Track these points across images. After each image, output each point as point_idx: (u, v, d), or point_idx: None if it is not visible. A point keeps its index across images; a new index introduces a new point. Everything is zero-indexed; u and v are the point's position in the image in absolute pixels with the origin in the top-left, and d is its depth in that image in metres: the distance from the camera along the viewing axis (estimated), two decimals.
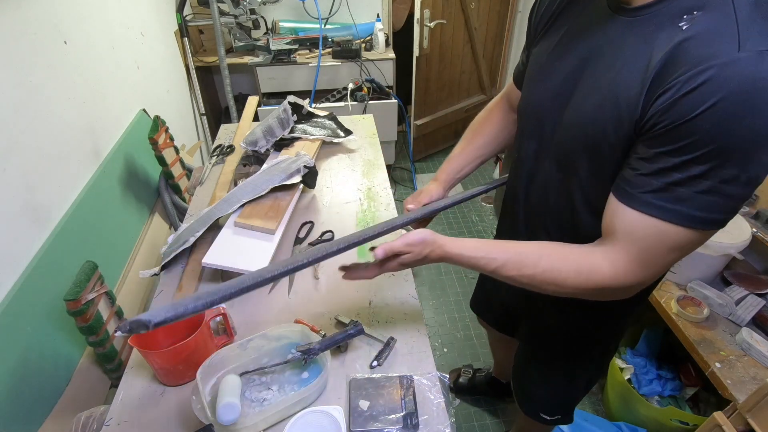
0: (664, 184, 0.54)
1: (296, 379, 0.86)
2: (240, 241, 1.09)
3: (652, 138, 0.55)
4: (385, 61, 2.60)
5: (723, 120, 0.49)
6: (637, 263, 0.60)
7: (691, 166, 0.52)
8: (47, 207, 1.23)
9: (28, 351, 1.05)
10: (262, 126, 1.49)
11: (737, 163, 0.50)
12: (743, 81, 0.47)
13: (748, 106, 0.47)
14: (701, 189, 0.52)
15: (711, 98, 0.48)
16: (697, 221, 0.54)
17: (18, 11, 1.20)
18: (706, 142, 0.50)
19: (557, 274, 0.64)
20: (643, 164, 0.56)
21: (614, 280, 0.61)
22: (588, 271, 0.63)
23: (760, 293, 1.23)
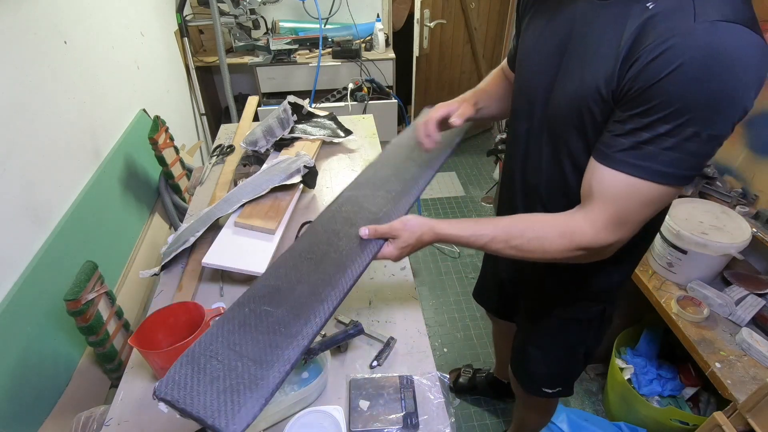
0: (634, 143, 0.60)
1: (296, 379, 0.86)
2: (240, 241, 1.09)
3: (626, 102, 0.61)
4: (385, 61, 2.60)
5: (683, 82, 0.55)
6: (615, 221, 0.65)
7: (657, 125, 0.58)
8: (47, 207, 1.23)
9: (28, 351, 1.05)
10: (262, 126, 1.50)
11: (697, 122, 0.56)
12: (700, 48, 0.53)
13: (705, 71, 0.53)
14: (667, 146, 0.58)
15: (673, 64, 0.55)
16: (663, 176, 0.60)
17: (18, 11, 1.20)
18: (670, 103, 0.56)
19: (543, 240, 0.69)
20: (618, 126, 0.62)
21: (595, 239, 0.66)
22: (571, 233, 0.68)
23: (760, 293, 1.23)
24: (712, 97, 0.54)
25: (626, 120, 0.61)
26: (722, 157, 1.48)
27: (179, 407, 0.56)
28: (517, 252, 0.71)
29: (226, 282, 1.08)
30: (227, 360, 0.60)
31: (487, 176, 3.04)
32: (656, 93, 0.57)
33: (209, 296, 1.04)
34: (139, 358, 0.91)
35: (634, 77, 0.59)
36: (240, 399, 0.56)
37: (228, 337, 0.63)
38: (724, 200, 1.41)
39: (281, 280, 0.72)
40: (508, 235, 0.71)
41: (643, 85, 0.58)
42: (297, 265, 0.74)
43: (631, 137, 0.60)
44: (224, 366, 0.59)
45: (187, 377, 0.58)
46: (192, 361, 0.60)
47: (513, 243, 0.71)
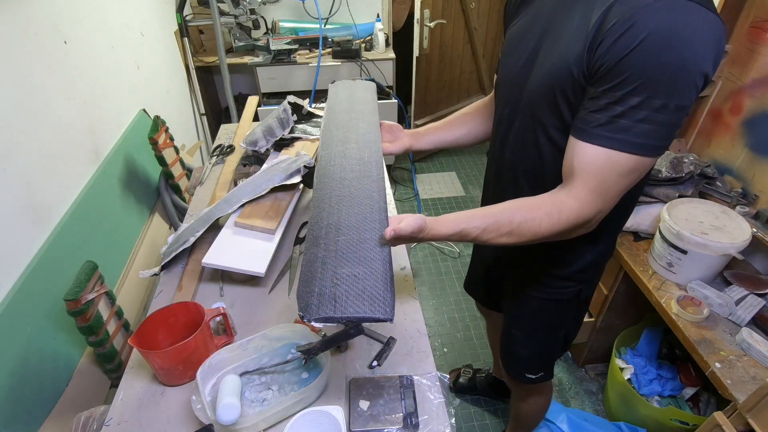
0: (609, 117, 0.64)
1: (296, 379, 0.86)
2: (240, 241, 1.09)
3: (598, 79, 0.65)
4: (385, 61, 2.60)
5: (647, 55, 0.59)
6: (596, 192, 0.69)
7: (628, 98, 0.62)
8: (47, 207, 1.23)
9: (28, 351, 1.05)
10: (262, 126, 1.49)
11: (664, 93, 0.60)
12: (659, 22, 0.58)
13: (665, 44, 0.58)
14: (639, 118, 0.62)
15: (637, 38, 0.59)
16: (638, 148, 0.64)
17: (18, 11, 1.20)
18: (638, 76, 0.60)
19: (531, 222, 0.71)
20: (592, 102, 0.66)
21: (580, 212, 0.70)
22: (558, 211, 0.70)
23: (760, 293, 1.23)
24: (672, 68, 0.59)
25: (600, 96, 0.65)
26: (722, 157, 1.48)
27: (338, 317, 0.64)
28: (510, 238, 0.73)
29: (226, 282, 1.08)
30: (344, 279, 0.68)
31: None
32: (625, 67, 0.61)
33: (209, 296, 1.04)
34: (139, 358, 0.91)
35: (603, 55, 0.63)
36: (375, 294, 0.67)
37: (325, 266, 0.69)
38: (724, 200, 1.41)
39: (331, 220, 0.76)
40: (497, 224, 0.73)
41: (612, 61, 0.62)
42: (333, 206, 0.78)
43: (605, 112, 0.64)
44: (344, 283, 0.68)
45: (324, 299, 0.66)
46: (321, 294, 0.67)
47: (504, 230, 0.73)
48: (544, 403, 1.34)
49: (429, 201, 2.82)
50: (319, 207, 0.79)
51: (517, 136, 0.86)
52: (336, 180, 0.83)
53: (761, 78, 1.34)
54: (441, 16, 2.72)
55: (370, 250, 0.72)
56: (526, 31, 0.82)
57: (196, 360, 0.82)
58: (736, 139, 1.43)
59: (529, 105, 0.81)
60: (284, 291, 1.05)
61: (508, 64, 0.87)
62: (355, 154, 0.89)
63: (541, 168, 0.83)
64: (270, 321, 0.98)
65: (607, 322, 1.64)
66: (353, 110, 1.06)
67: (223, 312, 0.90)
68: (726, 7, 1.36)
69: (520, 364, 1.16)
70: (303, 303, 0.67)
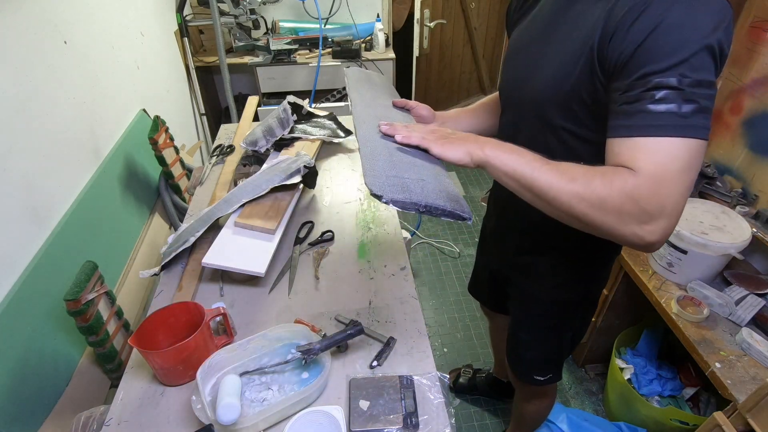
0: (645, 106, 0.59)
1: (296, 379, 0.86)
2: (240, 240, 1.09)
3: (622, 70, 0.62)
4: (385, 61, 2.60)
5: (665, 38, 0.57)
6: (657, 182, 0.59)
7: (661, 84, 0.58)
8: (47, 207, 1.23)
9: (28, 351, 1.05)
10: (262, 126, 1.50)
11: (694, 68, 0.57)
12: (670, 9, 0.57)
13: (679, 23, 0.57)
14: (682, 99, 0.58)
15: (651, 24, 0.58)
16: (688, 129, 0.58)
17: (18, 11, 1.20)
18: (665, 56, 0.58)
19: (592, 172, 0.62)
20: (626, 96, 0.61)
21: (636, 187, 0.59)
22: (613, 174, 0.61)
23: (760, 293, 1.23)
24: (690, 57, 0.57)
25: (631, 86, 0.60)
26: (722, 157, 1.48)
27: (422, 204, 0.63)
28: (575, 186, 0.62)
29: (226, 282, 1.08)
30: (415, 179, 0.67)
31: (487, 176, 3.03)
32: (648, 52, 0.59)
33: (209, 296, 1.04)
34: (139, 358, 0.91)
35: (620, 44, 0.61)
36: (453, 193, 0.68)
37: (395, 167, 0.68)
38: (724, 200, 1.41)
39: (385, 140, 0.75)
40: (559, 172, 0.64)
41: (632, 50, 0.60)
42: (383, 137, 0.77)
43: (642, 102, 0.59)
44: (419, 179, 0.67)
45: (408, 184, 0.65)
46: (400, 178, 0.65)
47: (564, 179, 0.63)
48: (548, 405, 1.34)
49: None
50: (366, 129, 0.78)
51: (525, 139, 0.81)
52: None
53: (761, 78, 1.34)
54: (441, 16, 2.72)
55: (432, 163, 0.72)
56: (530, 34, 0.81)
57: (196, 360, 0.82)
58: (736, 139, 1.43)
59: (536, 108, 0.79)
60: (284, 291, 1.05)
61: (512, 68, 0.86)
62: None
63: None
64: (270, 321, 0.98)
65: (607, 322, 1.64)
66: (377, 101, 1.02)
67: (223, 312, 0.90)
68: None
69: (528, 366, 1.15)
70: (379, 181, 0.63)
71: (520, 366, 1.17)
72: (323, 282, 1.07)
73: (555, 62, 0.72)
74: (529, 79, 0.79)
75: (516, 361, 1.17)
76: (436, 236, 2.51)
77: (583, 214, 0.63)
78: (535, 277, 1.00)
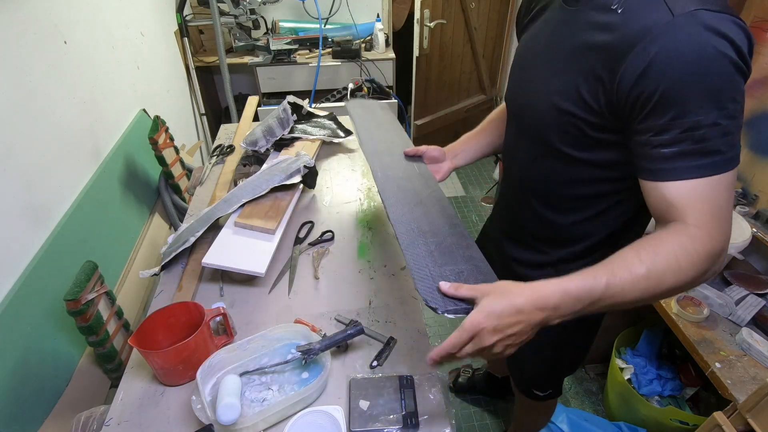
0: (687, 147, 0.58)
1: (296, 379, 0.86)
2: (240, 241, 1.09)
3: (648, 114, 0.59)
4: (385, 61, 2.60)
5: (686, 78, 0.55)
6: (716, 218, 0.60)
7: (699, 123, 0.56)
8: (47, 207, 1.23)
9: (28, 351, 1.05)
10: (262, 126, 1.49)
11: (727, 99, 0.56)
12: (686, 40, 0.55)
13: (700, 65, 0.55)
14: (717, 134, 0.57)
15: (669, 65, 0.56)
16: (725, 163, 0.58)
17: (18, 11, 1.20)
18: (687, 98, 0.56)
19: (665, 256, 0.59)
20: (660, 138, 0.59)
21: (713, 241, 0.59)
22: (691, 242, 0.59)
23: (760, 293, 1.23)
24: (715, 86, 0.55)
25: (665, 129, 0.58)
26: None
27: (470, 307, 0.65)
28: (647, 282, 0.59)
29: (226, 282, 1.08)
30: (457, 274, 0.72)
31: (487, 176, 3.04)
32: (670, 96, 0.56)
33: (209, 296, 1.04)
34: (139, 358, 0.91)
35: (634, 87, 0.59)
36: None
37: (432, 261, 0.74)
38: None
39: (415, 223, 0.82)
40: (627, 267, 0.60)
41: (651, 93, 0.57)
42: (410, 211, 0.85)
43: (684, 144, 0.58)
44: (454, 272, 0.72)
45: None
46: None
47: (639, 272, 0.59)
48: (546, 417, 1.34)
49: None
50: (397, 210, 0.85)
51: (526, 156, 0.83)
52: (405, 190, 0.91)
53: (761, 78, 1.34)
54: (441, 16, 2.71)
55: (467, 249, 0.76)
56: (534, 48, 0.78)
57: (196, 360, 0.82)
58: None
59: (535, 129, 0.78)
60: (284, 291, 1.05)
61: (515, 83, 0.84)
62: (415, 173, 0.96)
63: (552, 190, 0.81)
64: (270, 321, 0.98)
65: (607, 322, 1.64)
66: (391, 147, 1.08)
67: (223, 312, 0.90)
68: None
69: (527, 380, 1.14)
70: (434, 297, 0.67)
71: (520, 380, 1.16)
72: (323, 282, 1.07)
73: (555, 86, 0.70)
74: (530, 100, 0.78)
75: (516, 372, 1.17)
76: None
77: (669, 292, 0.62)
78: None
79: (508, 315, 0.60)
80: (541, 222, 0.87)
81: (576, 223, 0.82)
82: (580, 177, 0.75)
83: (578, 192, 0.78)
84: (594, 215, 0.80)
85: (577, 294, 0.60)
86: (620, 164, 0.68)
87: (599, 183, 0.75)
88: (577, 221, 0.82)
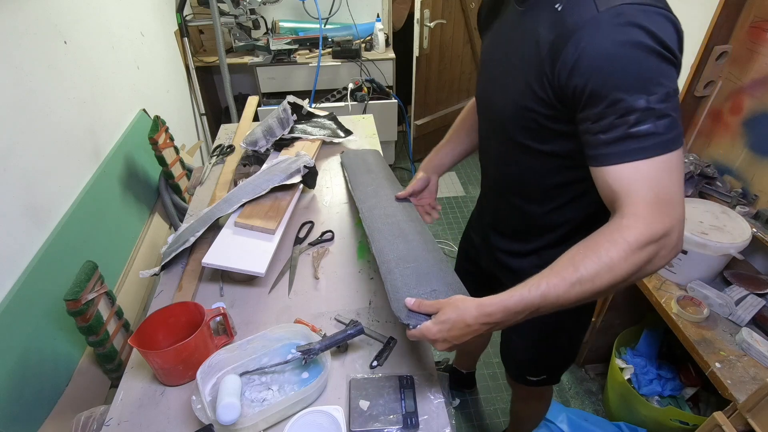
0: (621, 132, 0.60)
1: (296, 379, 0.86)
2: (240, 240, 1.09)
3: (584, 105, 0.63)
4: (385, 61, 2.60)
5: (609, 70, 0.59)
6: (655, 203, 0.60)
7: (632, 108, 0.59)
8: (47, 207, 1.23)
9: (28, 351, 1.05)
10: (262, 126, 1.49)
11: (658, 83, 0.58)
12: (605, 34, 0.59)
13: (618, 54, 0.58)
14: (656, 116, 0.59)
15: (593, 60, 0.60)
16: (667, 145, 0.60)
17: (18, 11, 1.20)
18: (615, 88, 0.59)
19: (599, 257, 0.61)
20: (597, 125, 0.62)
21: (649, 228, 0.60)
22: (621, 236, 0.61)
23: (760, 293, 1.23)
24: (638, 74, 0.58)
25: (601, 116, 0.61)
26: (722, 157, 1.48)
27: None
28: (581, 286, 0.62)
29: (226, 282, 1.08)
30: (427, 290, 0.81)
31: None
32: (597, 89, 0.60)
33: (209, 296, 1.04)
34: (139, 358, 0.91)
35: (567, 80, 0.63)
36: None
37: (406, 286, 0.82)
38: (724, 200, 1.41)
39: (393, 253, 0.90)
40: (560, 275, 0.63)
41: (582, 86, 0.61)
42: (390, 243, 0.93)
43: (620, 128, 0.60)
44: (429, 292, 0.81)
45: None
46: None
47: (572, 278, 0.62)
48: (543, 407, 1.34)
49: None
50: (379, 243, 0.94)
51: (497, 152, 0.88)
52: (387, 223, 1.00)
53: (761, 78, 1.34)
54: (441, 16, 2.71)
55: (440, 273, 0.85)
56: (494, 46, 0.82)
57: (196, 360, 0.82)
58: (736, 139, 1.43)
59: (500, 125, 0.81)
60: (284, 291, 1.05)
61: (481, 80, 0.88)
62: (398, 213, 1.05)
63: (524, 183, 0.85)
64: (270, 321, 0.98)
65: (607, 322, 1.64)
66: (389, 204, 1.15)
67: (223, 312, 0.90)
68: (726, 7, 1.36)
69: (520, 367, 1.15)
70: (405, 315, 0.76)
71: (512, 366, 1.18)
72: (323, 282, 1.07)
73: (512, 83, 0.74)
74: (494, 97, 0.82)
75: (509, 361, 1.18)
76: (437, 236, 2.51)
77: (609, 288, 0.63)
78: (524, 279, 0.98)
79: (456, 327, 0.69)
80: (518, 213, 0.90)
81: (550, 211, 0.86)
82: (546, 168, 0.79)
83: (548, 182, 0.82)
84: (566, 203, 0.84)
85: (516, 309, 0.65)
86: (580, 153, 0.69)
87: (565, 172, 0.79)
88: (551, 210, 0.85)
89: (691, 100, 1.52)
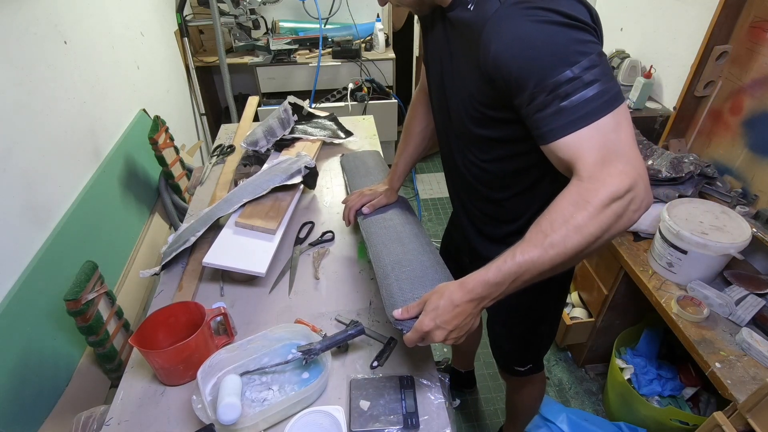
0: (557, 105, 0.62)
1: (297, 379, 0.86)
2: (240, 241, 1.09)
3: (515, 91, 0.65)
4: (385, 61, 2.60)
5: (522, 55, 0.62)
6: (608, 161, 0.61)
7: (558, 82, 0.61)
8: (47, 207, 1.23)
9: (28, 351, 1.05)
10: (262, 126, 1.50)
11: (577, 53, 0.60)
12: (510, 23, 0.63)
13: (525, 37, 0.62)
14: (578, 87, 0.61)
15: (505, 50, 0.63)
16: (610, 103, 0.61)
17: (18, 11, 1.20)
18: (535, 70, 0.61)
19: (565, 220, 0.61)
20: (534, 106, 0.64)
21: (608, 187, 0.60)
22: (583, 198, 0.61)
23: (760, 293, 1.23)
24: (553, 49, 0.61)
25: (532, 98, 0.63)
26: (722, 157, 1.49)
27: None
28: (554, 249, 0.62)
29: (226, 282, 1.08)
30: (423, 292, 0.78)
31: None
32: (519, 76, 0.63)
33: (209, 296, 1.04)
34: (139, 358, 0.91)
35: (492, 73, 0.66)
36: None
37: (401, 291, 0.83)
38: (724, 200, 1.41)
39: (390, 257, 0.91)
40: (531, 242, 0.63)
41: (505, 77, 0.64)
42: (387, 248, 0.95)
43: (553, 104, 0.62)
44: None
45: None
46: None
47: (543, 242, 0.62)
48: (538, 393, 1.36)
49: (429, 201, 2.82)
50: (376, 248, 0.96)
51: (453, 143, 0.90)
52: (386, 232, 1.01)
53: (761, 78, 1.34)
54: None
55: (435, 275, 0.86)
56: (432, 44, 0.85)
57: (196, 360, 0.82)
58: (736, 139, 1.43)
59: (455, 114, 0.83)
60: (284, 291, 1.05)
61: (429, 76, 0.91)
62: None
63: (481, 169, 0.87)
64: (270, 321, 0.98)
65: (607, 322, 1.64)
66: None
67: (223, 312, 0.90)
68: (726, 7, 1.36)
69: (507, 357, 1.19)
70: (399, 322, 0.77)
71: (500, 357, 1.21)
72: (323, 282, 1.07)
73: (457, 77, 0.78)
74: (444, 95, 0.85)
75: (496, 352, 1.21)
76: (437, 236, 2.51)
77: (582, 249, 0.62)
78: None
79: (446, 311, 0.69)
80: (485, 201, 0.93)
81: (513, 197, 0.88)
82: (501, 155, 0.82)
83: (505, 169, 0.84)
84: (527, 188, 0.85)
85: (495, 280, 0.66)
86: (530, 137, 0.70)
87: (519, 158, 0.80)
88: (514, 195, 0.87)
89: (691, 100, 1.53)
